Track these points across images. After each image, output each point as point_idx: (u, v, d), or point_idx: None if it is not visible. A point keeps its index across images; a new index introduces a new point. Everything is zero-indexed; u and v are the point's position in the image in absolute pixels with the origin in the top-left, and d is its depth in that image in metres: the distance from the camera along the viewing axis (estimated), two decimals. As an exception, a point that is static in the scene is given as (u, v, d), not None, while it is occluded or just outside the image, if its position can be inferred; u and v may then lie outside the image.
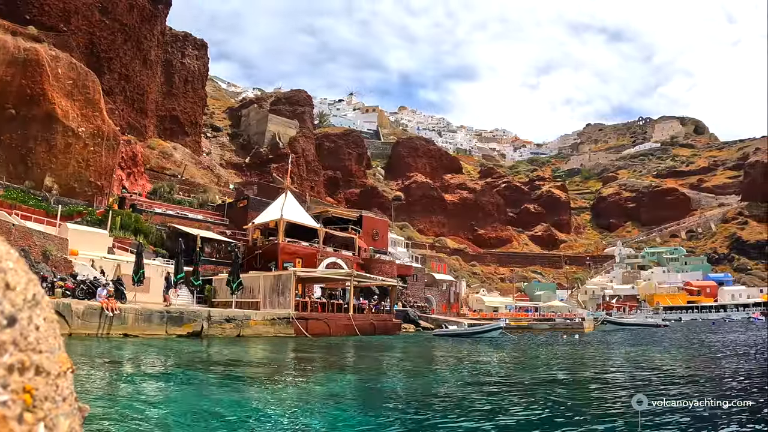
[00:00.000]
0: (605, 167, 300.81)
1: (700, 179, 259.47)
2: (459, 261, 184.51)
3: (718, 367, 30.64)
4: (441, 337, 68.21)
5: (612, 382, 25.41)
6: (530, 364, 35.69)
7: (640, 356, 39.56)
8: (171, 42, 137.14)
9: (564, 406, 17.65)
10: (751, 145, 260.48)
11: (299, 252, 77.72)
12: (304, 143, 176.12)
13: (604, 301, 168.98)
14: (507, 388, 22.81)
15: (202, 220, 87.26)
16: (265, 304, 59.84)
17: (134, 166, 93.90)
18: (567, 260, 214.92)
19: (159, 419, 14.63)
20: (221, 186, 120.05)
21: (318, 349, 42.51)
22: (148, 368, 26.67)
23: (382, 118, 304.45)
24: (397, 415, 16.14)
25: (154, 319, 44.59)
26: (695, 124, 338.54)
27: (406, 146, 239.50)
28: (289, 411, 16.44)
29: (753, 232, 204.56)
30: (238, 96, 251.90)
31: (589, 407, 17.51)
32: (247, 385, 22.30)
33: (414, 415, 16.30)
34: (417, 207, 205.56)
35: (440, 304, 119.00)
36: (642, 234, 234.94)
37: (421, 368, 32.24)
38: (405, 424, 14.94)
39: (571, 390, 22.13)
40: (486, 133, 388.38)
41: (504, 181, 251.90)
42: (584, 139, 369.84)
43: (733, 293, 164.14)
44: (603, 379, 26.56)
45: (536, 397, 19.76)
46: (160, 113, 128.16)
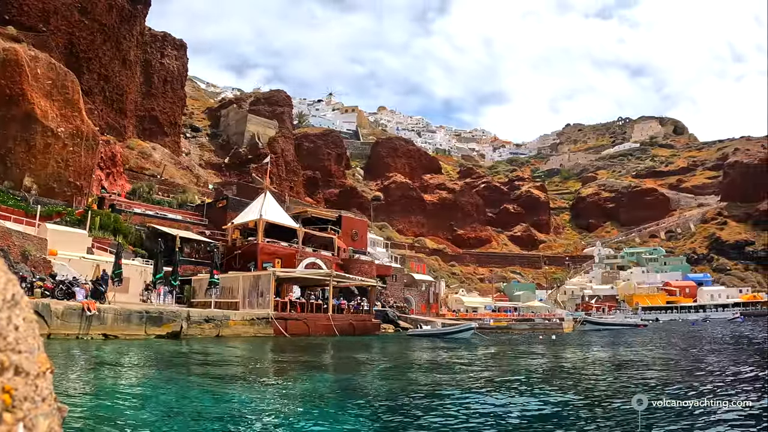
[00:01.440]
0: (584, 167, 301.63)
1: (680, 179, 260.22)
2: (438, 261, 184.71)
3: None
4: (415, 337, 68.61)
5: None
6: (511, 364, 35.88)
7: (629, 356, 39.78)
8: (150, 42, 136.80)
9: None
10: (731, 145, 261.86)
11: (278, 252, 77.71)
12: (284, 143, 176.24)
13: (583, 302, 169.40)
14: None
15: (181, 220, 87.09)
16: (244, 304, 59.84)
17: (113, 166, 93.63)
18: (546, 260, 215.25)
19: (138, 419, 14.67)
20: (200, 186, 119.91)
21: (297, 350, 42.47)
22: (128, 368, 26.68)
23: (362, 118, 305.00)
24: (374, 414, 16.28)
25: (134, 320, 44.49)
26: (674, 125, 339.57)
27: (386, 146, 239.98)
28: (267, 411, 16.51)
29: (732, 233, 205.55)
30: (217, 96, 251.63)
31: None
32: (226, 385, 22.28)
33: (391, 414, 16.46)
34: (396, 207, 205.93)
35: (419, 305, 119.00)
36: (621, 234, 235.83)
37: (398, 368, 32.27)
38: (382, 423, 15.07)
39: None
40: (465, 133, 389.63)
41: (483, 182, 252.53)
42: (563, 139, 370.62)
43: (712, 293, 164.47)
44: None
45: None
46: (139, 113, 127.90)
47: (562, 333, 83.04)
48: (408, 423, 15.18)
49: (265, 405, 17.51)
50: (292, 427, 14.45)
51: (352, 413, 16.28)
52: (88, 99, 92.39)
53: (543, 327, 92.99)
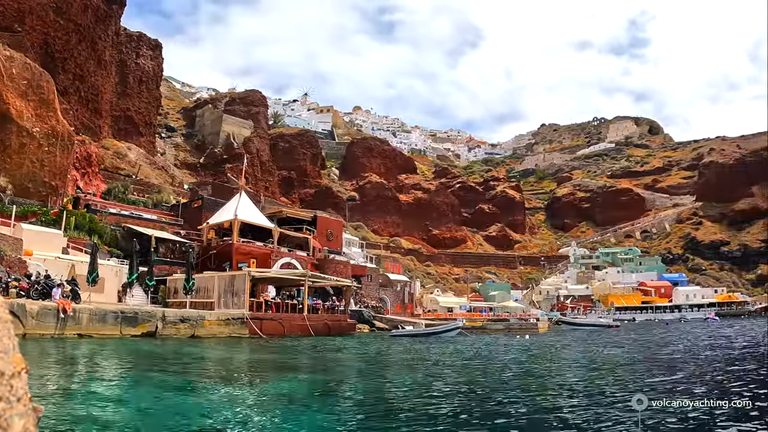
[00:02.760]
0: (560, 167, 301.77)
1: (655, 179, 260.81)
2: (413, 261, 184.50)
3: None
4: (397, 338, 68.14)
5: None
6: (496, 364, 35.99)
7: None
8: (125, 42, 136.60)
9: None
10: (706, 145, 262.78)
11: (254, 252, 77.64)
12: (259, 143, 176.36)
13: (558, 302, 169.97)
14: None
15: (156, 220, 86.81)
16: (219, 304, 59.76)
17: (89, 167, 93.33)
18: (521, 260, 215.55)
19: (113, 419, 14.75)
20: (176, 186, 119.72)
21: (272, 350, 42.63)
22: (103, 368, 26.68)
23: (337, 118, 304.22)
24: (349, 414, 16.42)
25: (109, 320, 44.53)
26: (650, 125, 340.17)
27: (361, 146, 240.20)
28: (242, 411, 16.58)
29: (707, 233, 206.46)
30: (192, 96, 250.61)
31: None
32: (200, 385, 22.35)
33: (368, 414, 16.55)
34: (371, 207, 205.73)
35: (395, 305, 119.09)
36: (596, 234, 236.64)
37: (374, 369, 32.44)
38: (359, 424, 15.16)
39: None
40: (440, 133, 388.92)
41: (458, 182, 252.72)
42: (539, 139, 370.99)
43: (687, 293, 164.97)
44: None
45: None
46: (115, 113, 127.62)
47: (537, 333, 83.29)
48: (386, 423, 15.19)
49: (239, 405, 17.57)
50: (266, 427, 14.56)
51: (326, 414, 16.36)
52: (63, 99, 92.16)
53: (518, 327, 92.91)
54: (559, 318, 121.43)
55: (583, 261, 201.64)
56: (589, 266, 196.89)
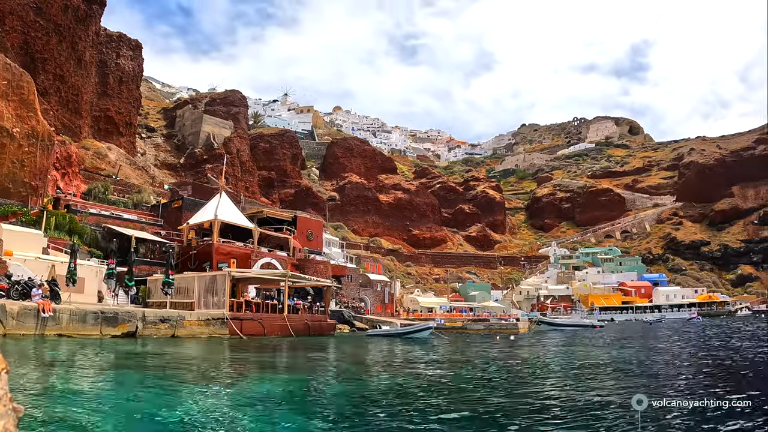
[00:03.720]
0: (540, 168, 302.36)
1: (635, 180, 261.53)
2: (394, 261, 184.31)
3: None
4: (374, 337, 68.94)
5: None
6: (477, 364, 36.30)
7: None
8: (105, 42, 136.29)
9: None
10: (686, 145, 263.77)
11: (234, 252, 77.85)
12: (239, 143, 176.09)
13: (538, 302, 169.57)
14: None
15: (136, 220, 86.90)
16: (199, 304, 59.69)
17: (69, 167, 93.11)
18: (502, 260, 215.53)
19: (92, 420, 14.71)
20: (156, 186, 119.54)
21: (252, 350, 42.55)
22: (83, 369, 26.52)
23: (317, 118, 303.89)
24: (330, 415, 16.45)
25: (89, 320, 44.30)
26: (630, 125, 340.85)
27: (341, 147, 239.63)
28: (221, 411, 16.62)
29: (688, 233, 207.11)
30: (172, 96, 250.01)
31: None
32: (181, 385, 22.21)
33: (347, 415, 16.61)
34: (352, 207, 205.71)
35: (375, 305, 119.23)
36: (577, 234, 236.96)
37: (354, 369, 32.50)
38: (337, 424, 15.14)
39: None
40: (421, 133, 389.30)
41: (439, 182, 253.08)
42: (519, 139, 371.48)
43: (668, 294, 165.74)
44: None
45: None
46: (95, 114, 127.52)
47: (517, 333, 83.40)
48: (364, 423, 15.27)
49: (219, 405, 17.63)
50: (246, 427, 14.60)
51: (306, 414, 16.45)
52: (43, 99, 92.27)
53: (498, 327, 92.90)
54: (540, 318, 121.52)
55: (563, 261, 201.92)
56: (569, 266, 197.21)
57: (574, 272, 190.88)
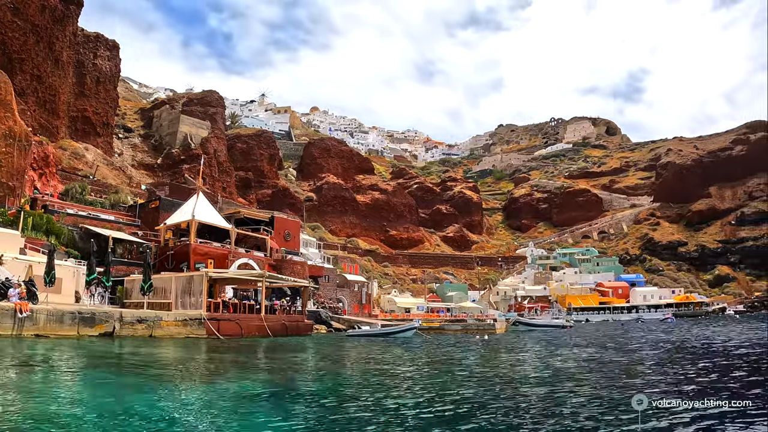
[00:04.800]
0: (517, 168, 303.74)
1: (612, 180, 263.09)
2: (371, 262, 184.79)
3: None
4: (354, 338, 68.88)
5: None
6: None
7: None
8: (83, 42, 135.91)
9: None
10: (663, 146, 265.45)
11: (211, 253, 77.64)
12: (216, 144, 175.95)
13: (516, 302, 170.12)
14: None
15: (114, 221, 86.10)
16: (176, 305, 59.41)
17: (46, 167, 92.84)
18: (479, 261, 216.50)
19: (69, 419, 14.69)
20: (133, 187, 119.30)
21: (229, 350, 42.45)
22: (60, 369, 26.34)
23: (294, 118, 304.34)
24: (307, 414, 16.54)
25: (66, 320, 44.36)
26: (607, 125, 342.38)
27: (318, 147, 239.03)
28: (199, 412, 16.64)
29: (665, 233, 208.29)
30: (150, 97, 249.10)
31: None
32: (158, 386, 22.14)
33: (326, 414, 16.76)
34: (329, 208, 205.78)
35: (352, 305, 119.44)
36: (554, 235, 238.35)
37: (332, 368, 32.49)
38: (316, 424, 15.27)
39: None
40: (398, 134, 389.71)
41: (416, 182, 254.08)
42: (496, 140, 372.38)
43: (645, 294, 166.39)
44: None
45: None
46: (72, 114, 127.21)
47: (495, 333, 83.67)
48: (342, 423, 15.37)
49: (196, 405, 17.71)
50: (222, 427, 14.63)
51: (281, 413, 16.64)
52: (20, 100, 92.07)
53: (476, 328, 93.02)
54: (517, 319, 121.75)
55: (540, 262, 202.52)
56: (546, 267, 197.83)
57: (551, 273, 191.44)
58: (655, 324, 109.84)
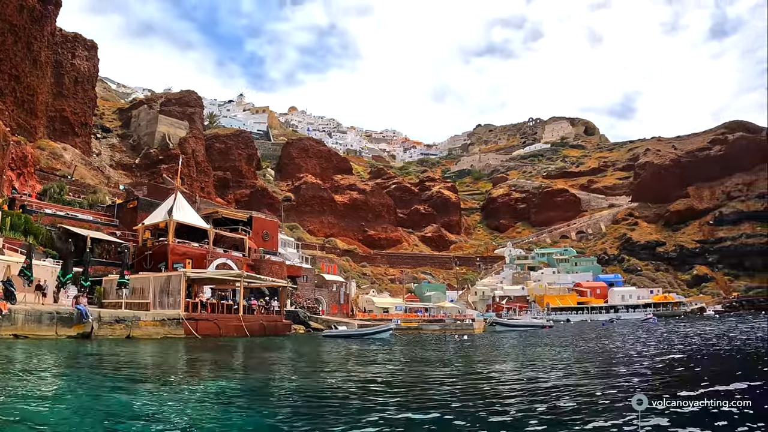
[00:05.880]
0: (495, 168, 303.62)
1: (591, 180, 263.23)
2: (349, 262, 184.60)
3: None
4: (330, 338, 68.56)
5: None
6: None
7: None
8: (61, 42, 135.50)
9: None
10: (641, 146, 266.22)
11: (189, 253, 77.84)
12: (194, 144, 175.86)
13: (494, 302, 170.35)
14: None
15: (92, 221, 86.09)
16: (155, 305, 59.48)
17: (24, 167, 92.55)
18: (457, 261, 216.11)
19: (47, 420, 14.72)
20: (111, 187, 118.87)
21: (208, 350, 42.56)
22: (38, 369, 26.26)
23: (272, 118, 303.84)
24: (286, 414, 16.70)
25: (45, 320, 44.37)
26: (585, 125, 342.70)
27: (297, 147, 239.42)
28: (178, 411, 16.66)
29: (643, 233, 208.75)
30: (128, 97, 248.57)
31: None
32: (137, 385, 22.16)
33: (304, 413, 16.81)
34: (307, 208, 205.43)
35: (330, 305, 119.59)
36: (532, 235, 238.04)
37: (309, 368, 32.64)
38: (295, 423, 15.29)
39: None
40: (376, 134, 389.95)
41: (394, 182, 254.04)
42: (474, 140, 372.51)
43: (623, 294, 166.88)
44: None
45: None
46: (50, 114, 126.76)
47: (473, 333, 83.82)
48: (316, 424, 15.34)
49: (173, 405, 17.62)
50: (201, 427, 14.72)
51: (259, 412, 16.76)
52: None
53: (454, 328, 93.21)
54: (494, 319, 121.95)
55: (518, 262, 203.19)
56: (524, 267, 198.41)
57: (529, 273, 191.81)
58: (637, 324, 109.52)
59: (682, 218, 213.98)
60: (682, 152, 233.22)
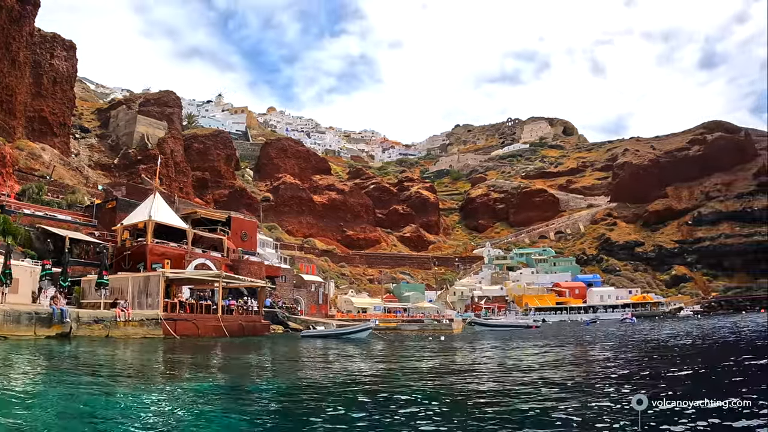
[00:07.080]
0: (474, 168, 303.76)
1: (569, 180, 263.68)
2: (328, 262, 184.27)
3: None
4: (309, 338, 68.51)
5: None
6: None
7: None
8: (40, 43, 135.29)
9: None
10: (620, 146, 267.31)
11: (168, 253, 77.59)
12: (173, 144, 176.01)
13: (472, 302, 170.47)
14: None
15: (71, 221, 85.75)
16: (133, 305, 58.83)
17: (2, 167, 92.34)
18: (436, 261, 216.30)
19: (26, 421, 14.77)
20: (90, 187, 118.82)
21: (186, 350, 42.66)
22: (17, 370, 26.31)
23: (251, 119, 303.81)
24: (263, 413, 16.99)
25: (23, 320, 44.39)
26: (564, 125, 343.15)
27: (275, 147, 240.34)
28: (157, 411, 16.78)
29: (621, 233, 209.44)
30: (106, 97, 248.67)
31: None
32: (113, 385, 22.24)
33: (281, 413, 17.22)
34: (286, 208, 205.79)
35: (309, 305, 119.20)
36: (511, 235, 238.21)
37: (287, 368, 32.98)
38: (271, 422, 15.63)
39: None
40: (355, 134, 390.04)
41: (373, 182, 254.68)
42: (453, 140, 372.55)
43: (602, 294, 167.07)
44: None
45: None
46: (29, 114, 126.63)
47: (452, 334, 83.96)
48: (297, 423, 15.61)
49: (152, 406, 17.71)
50: (179, 428, 14.87)
51: (237, 413, 16.86)
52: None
53: (432, 328, 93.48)
54: (473, 319, 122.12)
55: (497, 262, 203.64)
56: (503, 267, 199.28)
57: (508, 273, 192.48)
58: (615, 324, 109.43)
59: (660, 218, 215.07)
60: (661, 152, 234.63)
